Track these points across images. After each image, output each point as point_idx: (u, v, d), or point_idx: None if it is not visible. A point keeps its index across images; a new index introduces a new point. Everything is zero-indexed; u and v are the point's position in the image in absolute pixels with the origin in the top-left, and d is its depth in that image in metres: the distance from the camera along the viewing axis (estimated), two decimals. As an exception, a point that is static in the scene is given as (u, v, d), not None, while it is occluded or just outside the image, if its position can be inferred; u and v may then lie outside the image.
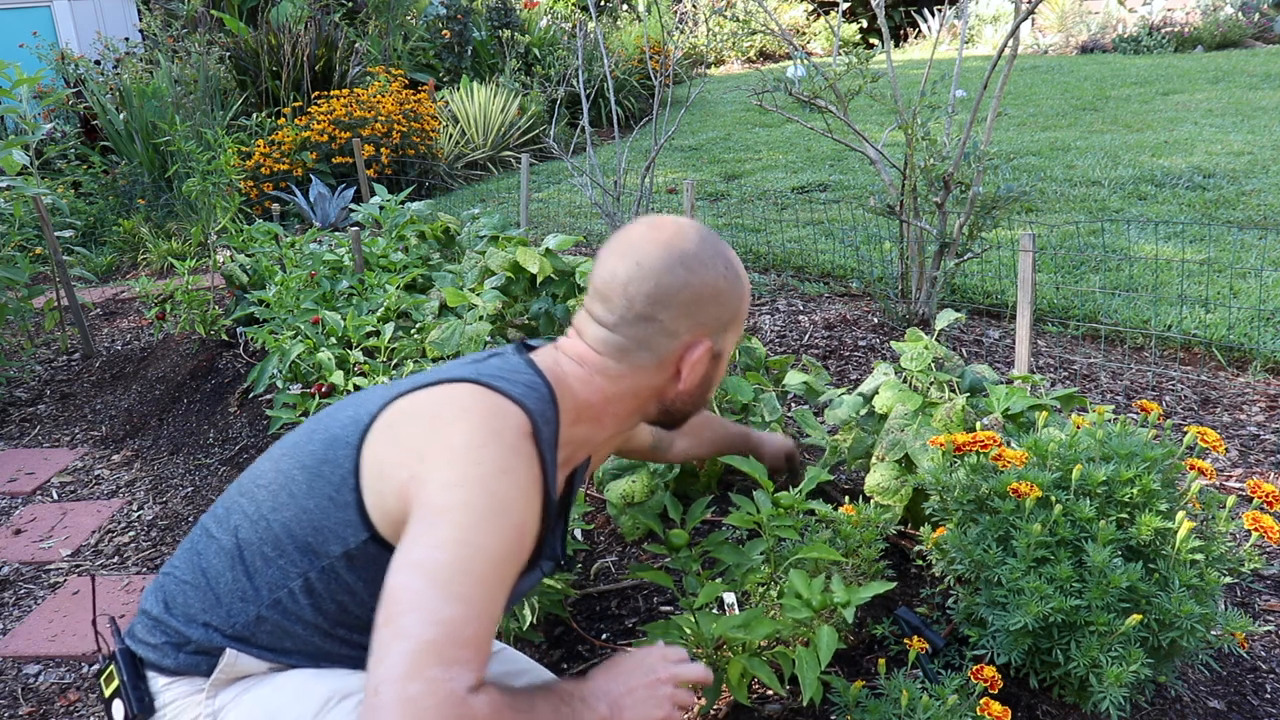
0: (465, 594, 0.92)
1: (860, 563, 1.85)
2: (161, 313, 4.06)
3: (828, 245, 4.64)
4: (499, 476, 0.98)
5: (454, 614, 0.91)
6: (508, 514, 0.97)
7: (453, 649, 0.90)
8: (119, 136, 6.37)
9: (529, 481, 1.01)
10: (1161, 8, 11.75)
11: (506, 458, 0.99)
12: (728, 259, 1.17)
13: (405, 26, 9.03)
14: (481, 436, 1.00)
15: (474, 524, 0.95)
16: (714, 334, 1.16)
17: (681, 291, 1.12)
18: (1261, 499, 1.46)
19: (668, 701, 1.08)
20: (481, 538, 0.95)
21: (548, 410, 1.08)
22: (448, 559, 0.93)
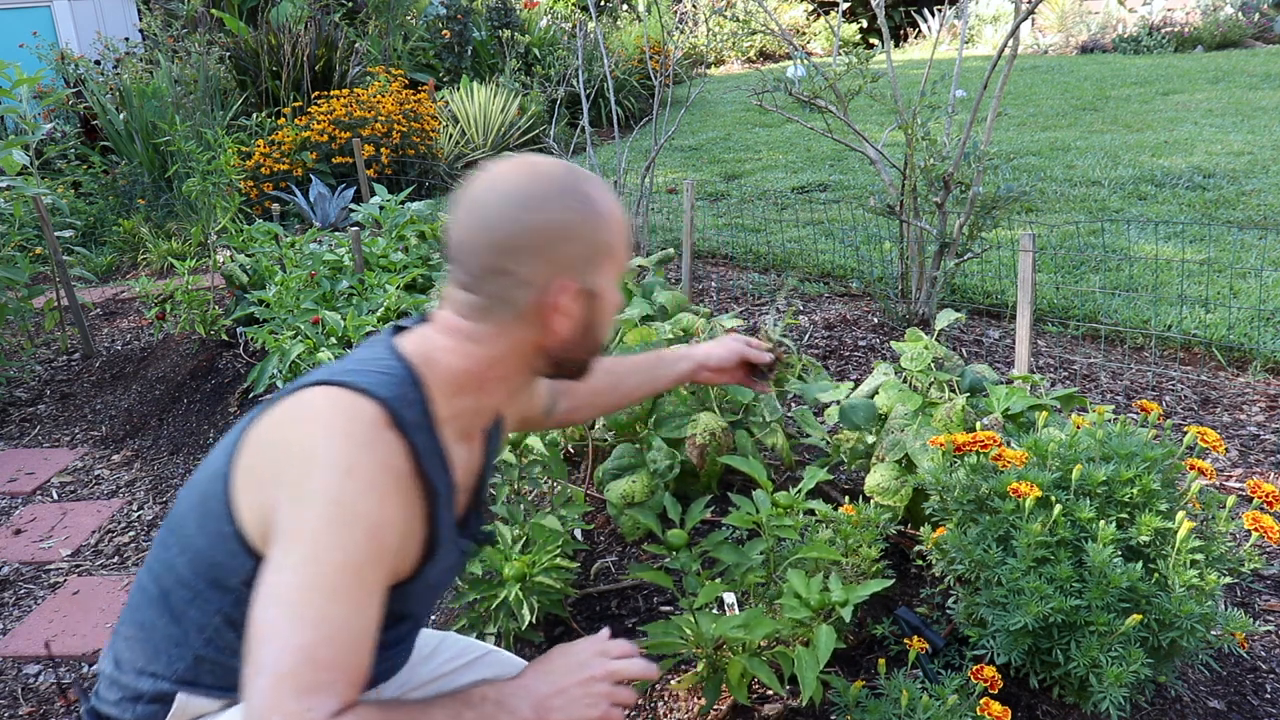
0: (318, 616, 0.88)
1: (860, 562, 1.85)
2: (161, 313, 4.06)
3: (828, 245, 4.64)
4: (344, 481, 0.92)
5: (306, 639, 0.87)
6: (357, 519, 0.92)
7: (310, 675, 0.87)
8: (119, 136, 6.37)
9: (385, 473, 0.95)
10: (1161, 8, 11.75)
11: (353, 456, 0.94)
12: (575, 189, 1.05)
13: (405, 26, 9.04)
14: (325, 442, 0.95)
15: (319, 539, 0.91)
16: (578, 273, 1.06)
17: (523, 235, 1.03)
18: (1261, 499, 1.46)
19: (603, 700, 1.00)
20: (329, 553, 0.90)
21: (409, 392, 1.02)
22: (296, 582, 0.89)
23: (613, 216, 1.08)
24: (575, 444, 2.61)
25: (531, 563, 1.79)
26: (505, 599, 1.75)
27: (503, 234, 1.03)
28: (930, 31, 12.80)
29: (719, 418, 2.32)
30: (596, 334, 1.12)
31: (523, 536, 1.88)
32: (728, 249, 4.82)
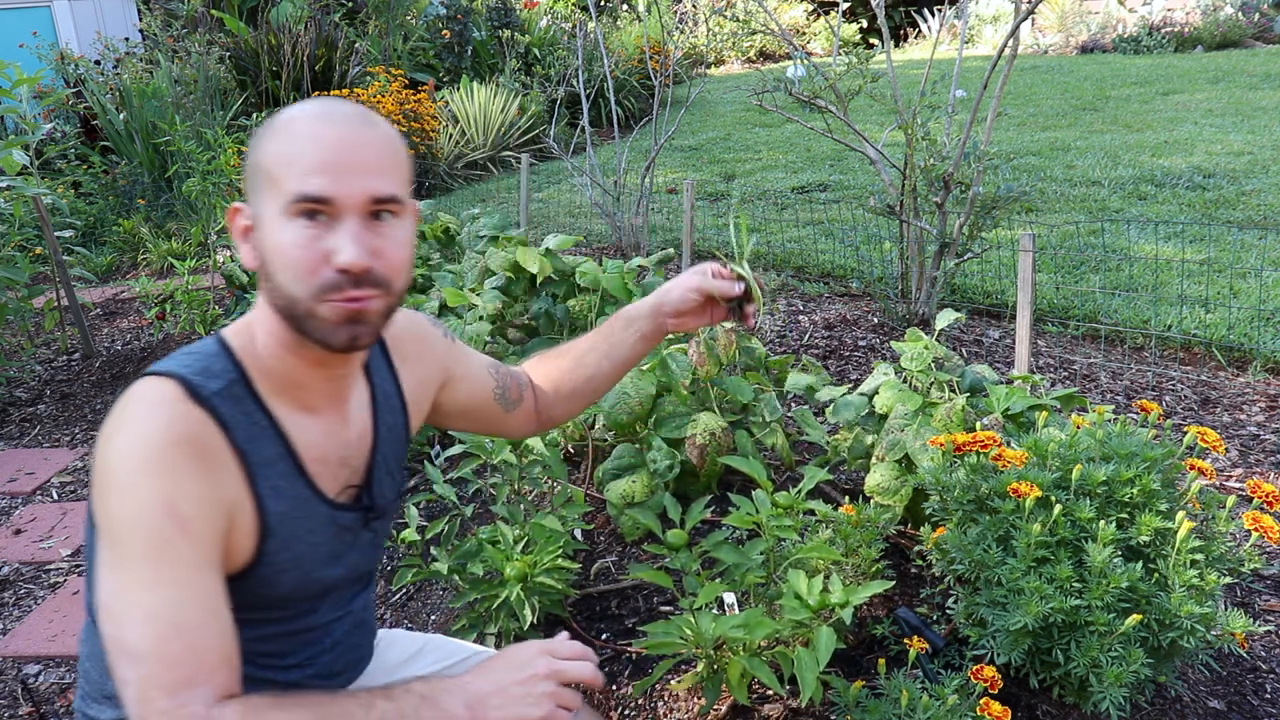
0: (146, 613, 0.86)
1: (860, 562, 1.85)
2: (161, 313, 4.06)
3: (828, 245, 4.64)
4: (131, 467, 0.89)
5: (147, 640, 0.86)
6: (148, 501, 0.88)
7: (169, 672, 0.85)
8: (119, 136, 6.37)
9: (174, 446, 0.91)
10: (1161, 8, 11.75)
11: (139, 440, 0.90)
12: (274, 119, 0.98)
13: (405, 26, 9.04)
14: (115, 434, 0.92)
15: (117, 533, 0.89)
16: (250, 198, 0.98)
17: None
18: (1261, 499, 1.46)
19: (547, 700, 0.95)
20: (130, 544, 0.88)
21: (214, 364, 0.98)
22: (113, 586, 0.88)
23: (277, 134, 0.95)
24: (575, 444, 2.61)
25: (533, 563, 1.79)
26: (506, 599, 1.75)
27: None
28: (930, 31, 12.80)
29: (719, 418, 2.32)
30: (271, 274, 0.96)
31: (524, 537, 1.88)
32: (728, 249, 4.82)
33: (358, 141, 0.94)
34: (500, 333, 3.05)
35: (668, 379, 2.38)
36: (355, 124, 0.95)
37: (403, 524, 1.97)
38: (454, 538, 1.97)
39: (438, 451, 2.82)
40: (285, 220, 0.93)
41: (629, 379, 2.34)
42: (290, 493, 1.01)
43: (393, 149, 0.97)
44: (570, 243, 3.02)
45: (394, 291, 0.98)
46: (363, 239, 0.93)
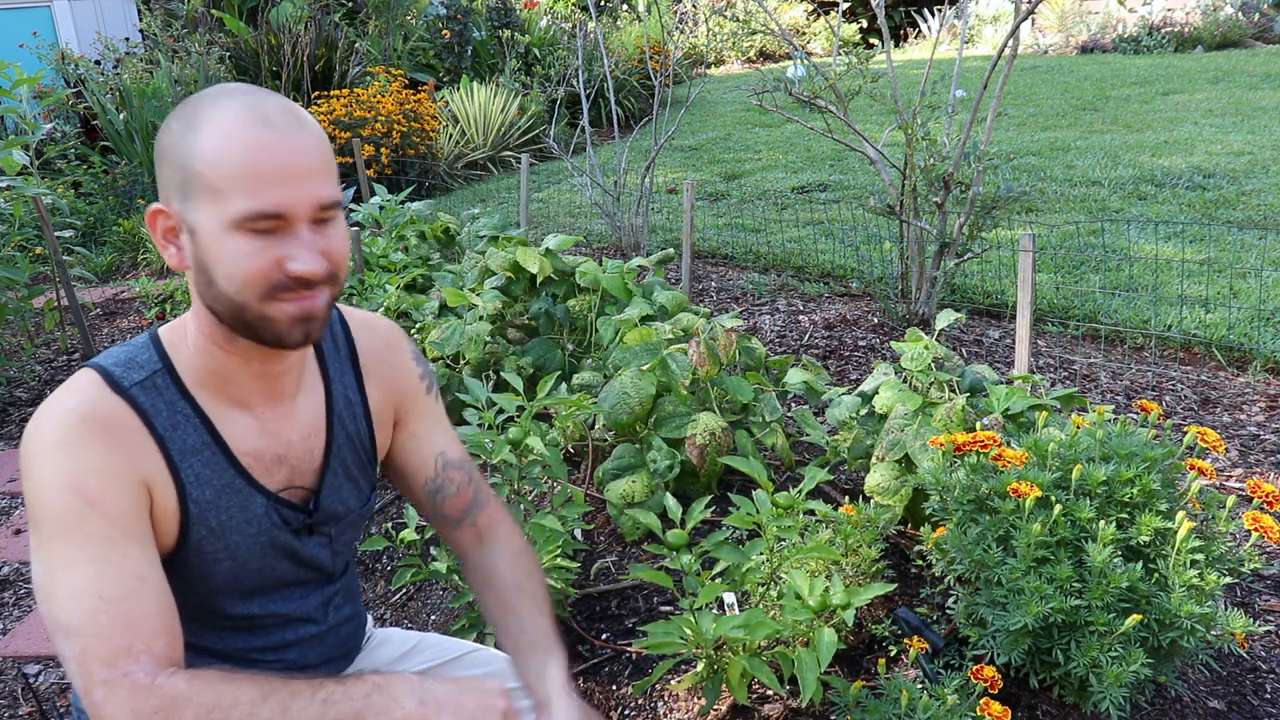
0: (73, 589, 0.89)
1: (860, 562, 1.85)
2: (161, 313, 4.06)
3: (828, 245, 4.64)
4: (43, 452, 0.92)
5: (78, 616, 0.88)
6: (55, 479, 0.91)
7: (105, 644, 0.87)
8: (119, 136, 6.37)
9: (83, 426, 0.93)
10: (1161, 8, 11.76)
11: (52, 426, 0.93)
12: (190, 108, 0.94)
13: (405, 26, 9.04)
14: (32, 427, 0.95)
15: (35, 516, 0.92)
16: (173, 200, 0.94)
17: (158, 151, 0.97)
18: (1261, 499, 1.46)
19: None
20: (48, 525, 0.91)
21: (140, 355, 1.00)
22: (40, 569, 0.91)
23: (210, 143, 0.91)
24: (575, 444, 2.61)
25: (531, 563, 1.79)
26: (505, 599, 1.75)
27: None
28: (930, 31, 12.80)
29: (719, 418, 2.32)
30: (214, 282, 0.94)
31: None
32: (728, 249, 4.82)
33: (300, 148, 0.92)
34: (500, 333, 3.06)
35: (668, 379, 2.38)
36: (293, 129, 0.92)
37: (402, 524, 1.97)
38: (454, 538, 1.97)
39: (438, 451, 2.82)
40: (231, 234, 0.91)
41: (629, 379, 2.34)
42: (216, 481, 1.01)
43: (325, 148, 0.96)
44: (570, 243, 3.02)
45: (339, 282, 0.99)
46: (314, 245, 0.94)
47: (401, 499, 2.65)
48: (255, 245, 0.91)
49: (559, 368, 2.85)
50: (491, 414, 1.98)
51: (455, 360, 2.91)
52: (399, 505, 2.63)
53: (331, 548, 1.15)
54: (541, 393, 2.00)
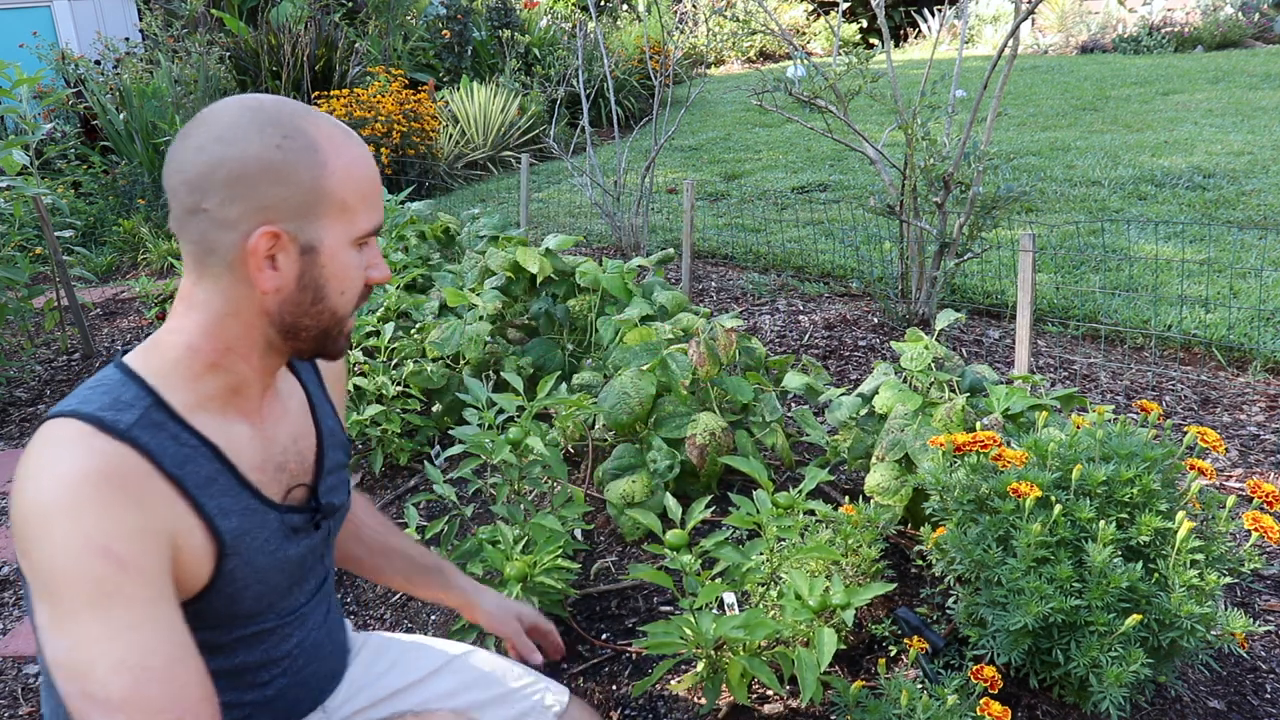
0: (115, 663, 0.82)
1: (860, 562, 1.86)
2: (161, 313, 4.06)
3: (828, 245, 4.64)
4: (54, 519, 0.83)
5: (121, 692, 0.82)
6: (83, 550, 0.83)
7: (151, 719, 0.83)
8: (119, 136, 6.38)
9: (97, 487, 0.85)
10: (1161, 8, 11.76)
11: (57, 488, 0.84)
12: (288, 125, 0.93)
13: (405, 26, 9.04)
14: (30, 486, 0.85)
15: (59, 590, 0.83)
16: (285, 220, 0.93)
17: (218, 170, 0.91)
18: (1261, 499, 1.46)
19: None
20: (75, 600, 0.83)
21: (124, 394, 0.92)
22: (68, 644, 0.83)
23: (340, 163, 0.94)
24: (575, 444, 2.61)
25: (532, 563, 1.79)
26: (505, 599, 1.75)
27: (198, 167, 0.91)
28: (930, 31, 12.80)
29: (719, 418, 2.32)
30: (326, 297, 0.97)
31: (523, 537, 1.88)
32: (728, 249, 4.82)
33: (375, 165, 1.02)
34: (500, 333, 3.06)
35: (668, 379, 2.38)
36: (365, 145, 1.01)
37: (402, 523, 1.97)
38: (454, 538, 1.97)
39: (438, 451, 2.82)
40: (352, 249, 0.98)
41: (629, 379, 2.34)
42: (237, 508, 0.99)
43: None
44: (570, 243, 3.02)
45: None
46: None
47: (402, 499, 2.65)
48: (360, 259, 1.00)
49: (559, 368, 2.85)
50: (491, 414, 1.98)
51: (455, 360, 2.91)
52: (399, 505, 2.63)
53: (327, 544, 1.16)
54: (541, 393, 2.00)
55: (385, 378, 2.68)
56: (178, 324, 0.97)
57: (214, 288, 0.96)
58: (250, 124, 0.92)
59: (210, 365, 0.97)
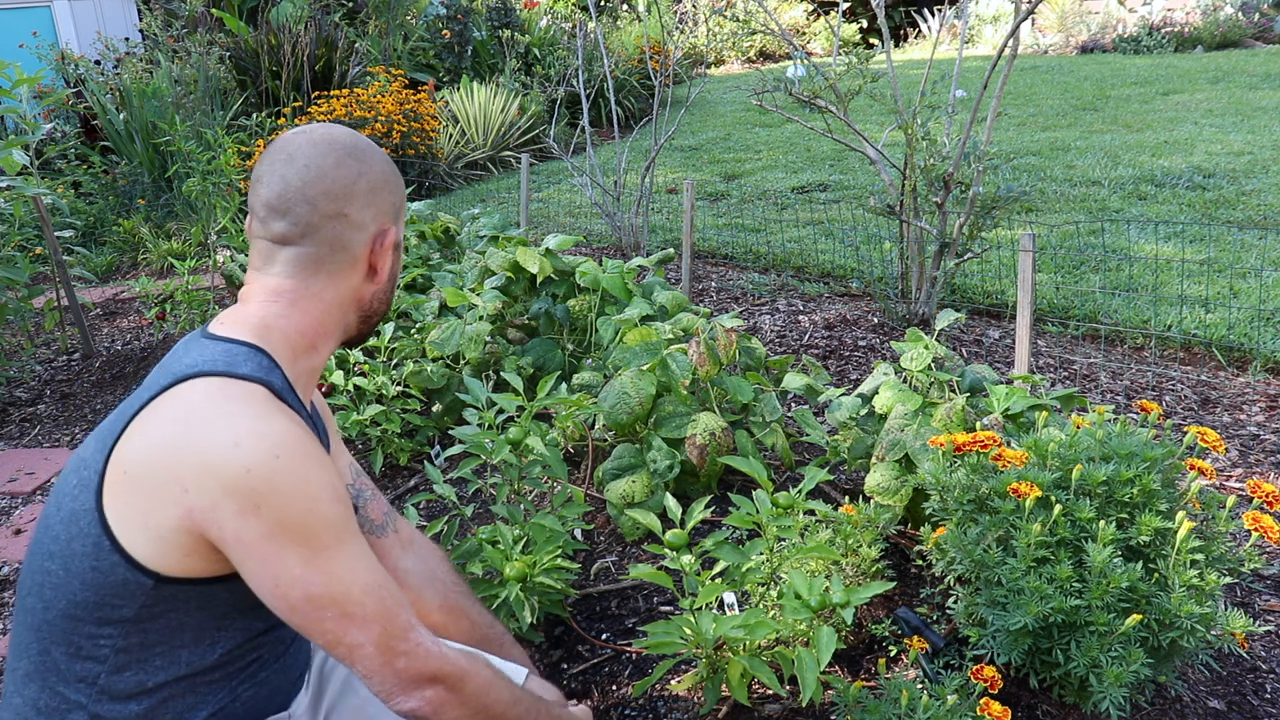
0: (365, 585, 1.00)
1: (860, 562, 1.86)
2: (161, 313, 4.06)
3: (828, 245, 4.64)
4: (279, 465, 0.94)
5: (374, 606, 1.00)
6: (314, 491, 0.96)
7: (395, 623, 1.01)
8: (119, 136, 6.37)
9: (302, 438, 0.99)
10: (1161, 8, 11.76)
11: (271, 437, 0.95)
12: (379, 150, 1.17)
13: (405, 26, 9.03)
14: (237, 434, 0.94)
15: (309, 532, 0.96)
16: (394, 220, 1.17)
17: (358, 181, 1.11)
18: (1261, 499, 1.46)
19: None
20: (325, 538, 0.97)
21: (264, 361, 1.05)
22: (323, 578, 0.97)
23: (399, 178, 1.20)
24: (575, 444, 2.61)
25: (532, 563, 1.79)
26: (506, 599, 1.75)
27: (341, 181, 1.10)
28: (930, 31, 12.80)
29: (719, 418, 2.32)
30: (395, 284, 1.21)
31: (523, 537, 1.88)
32: (728, 249, 4.82)
33: None
34: (500, 333, 3.06)
35: (668, 379, 2.38)
36: None
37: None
38: (454, 537, 1.97)
39: (438, 451, 2.82)
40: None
41: (629, 379, 2.34)
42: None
43: None
44: (570, 243, 3.02)
45: None
46: None
47: (402, 499, 2.65)
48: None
49: (559, 368, 2.85)
50: (491, 414, 1.98)
51: (455, 360, 2.91)
52: (399, 505, 2.63)
53: None
54: (541, 393, 2.00)
55: (385, 378, 2.68)
56: (283, 310, 1.10)
57: (330, 281, 1.12)
58: (368, 146, 1.14)
59: (310, 347, 1.12)
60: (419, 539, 1.45)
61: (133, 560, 0.96)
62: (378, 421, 2.67)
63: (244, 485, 0.92)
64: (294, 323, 1.10)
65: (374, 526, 1.36)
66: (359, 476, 1.37)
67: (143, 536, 0.95)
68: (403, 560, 1.39)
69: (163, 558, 0.96)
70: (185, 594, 0.99)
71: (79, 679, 1.00)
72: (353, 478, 1.36)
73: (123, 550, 0.96)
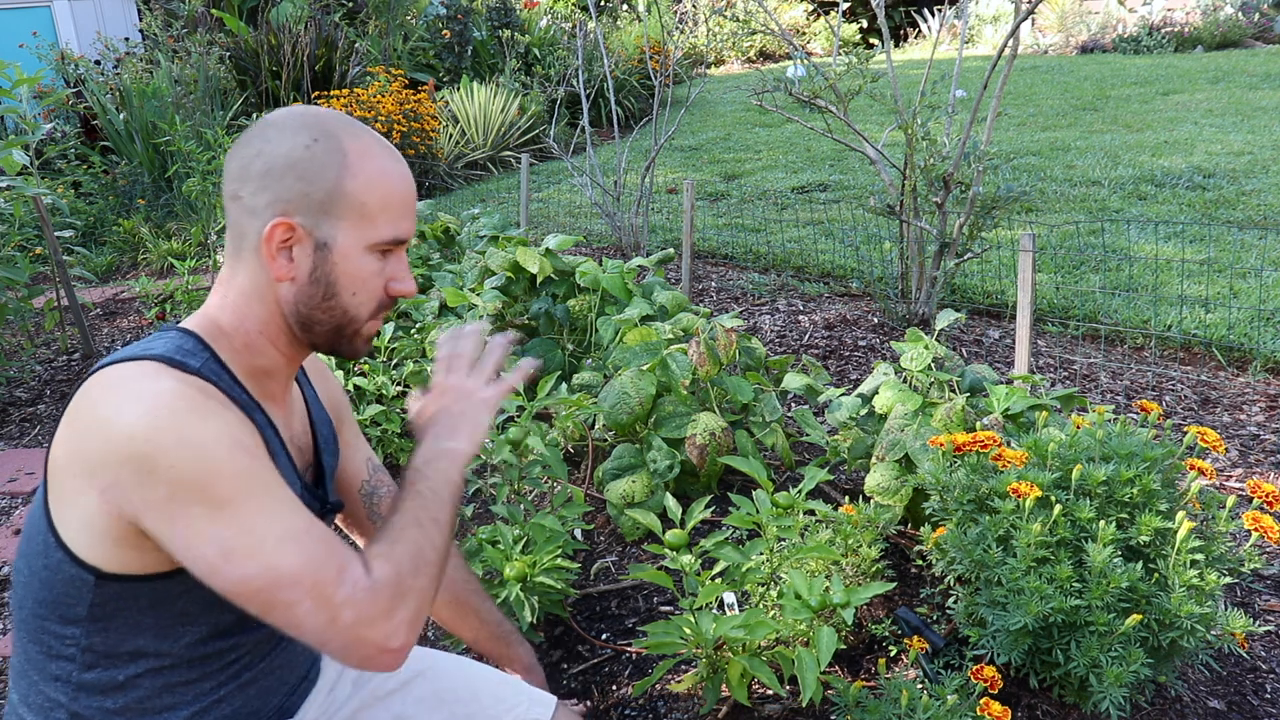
0: (281, 535, 0.90)
1: (860, 562, 1.86)
2: (161, 313, 4.06)
3: (828, 245, 4.64)
4: (178, 429, 0.89)
5: (297, 558, 0.90)
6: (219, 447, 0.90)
7: (325, 572, 0.91)
8: (119, 136, 6.37)
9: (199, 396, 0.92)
10: (1161, 8, 11.76)
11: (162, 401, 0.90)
12: (325, 130, 1.00)
13: (405, 26, 9.03)
14: (131, 406, 0.90)
15: (205, 490, 0.89)
16: (302, 214, 0.99)
17: (255, 161, 0.99)
18: (1261, 499, 1.46)
19: (489, 404, 1.12)
20: (224, 492, 0.89)
21: (187, 344, 0.99)
22: (231, 533, 0.89)
23: (365, 170, 1.00)
24: (575, 444, 2.61)
25: (532, 563, 1.79)
26: (506, 599, 1.75)
27: (241, 159, 1.01)
28: (930, 31, 12.80)
29: (719, 418, 2.32)
30: (337, 295, 1.02)
31: (523, 537, 1.88)
32: (728, 249, 4.82)
33: (413, 184, 1.06)
34: (500, 332, 3.06)
35: (668, 379, 2.38)
36: (405, 164, 1.06)
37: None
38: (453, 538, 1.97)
39: (438, 451, 2.82)
40: (368, 254, 1.02)
41: (629, 379, 2.34)
42: (282, 463, 1.05)
43: None
44: (570, 243, 3.02)
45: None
46: (409, 270, 1.08)
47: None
48: (379, 266, 1.04)
49: (559, 368, 2.85)
50: (491, 414, 1.98)
51: (455, 360, 2.90)
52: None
53: None
54: (541, 393, 2.00)
55: (385, 377, 2.68)
56: (219, 301, 1.04)
57: (244, 271, 1.03)
58: (293, 126, 1.00)
59: (246, 344, 1.04)
60: None
61: (74, 556, 0.95)
62: (378, 421, 2.67)
63: (133, 451, 0.88)
64: (225, 314, 1.04)
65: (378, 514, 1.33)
66: (377, 471, 1.34)
67: (77, 530, 0.94)
68: None
69: (99, 551, 0.94)
70: (134, 591, 0.97)
71: (54, 677, 1.00)
72: (369, 473, 1.32)
73: (65, 546, 0.95)
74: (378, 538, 0.99)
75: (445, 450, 1.06)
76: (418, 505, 1.01)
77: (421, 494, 1.02)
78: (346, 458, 1.29)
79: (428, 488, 1.03)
